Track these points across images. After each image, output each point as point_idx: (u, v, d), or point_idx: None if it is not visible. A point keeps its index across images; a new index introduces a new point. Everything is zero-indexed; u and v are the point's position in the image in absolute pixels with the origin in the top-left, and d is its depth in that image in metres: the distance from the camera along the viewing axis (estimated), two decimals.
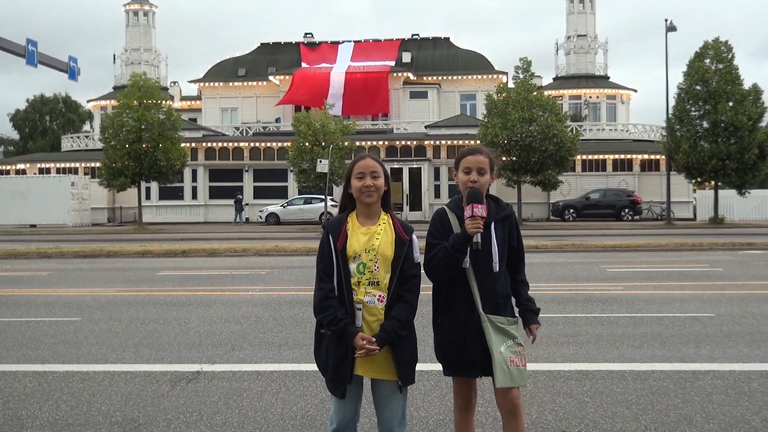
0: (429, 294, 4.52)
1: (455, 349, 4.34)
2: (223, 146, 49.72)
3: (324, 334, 4.17)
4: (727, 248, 23.38)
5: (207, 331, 9.91)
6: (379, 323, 4.09)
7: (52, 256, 22.75)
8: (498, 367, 4.21)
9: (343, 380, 4.07)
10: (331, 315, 4.05)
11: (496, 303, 4.30)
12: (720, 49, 40.03)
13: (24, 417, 6.22)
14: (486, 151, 4.46)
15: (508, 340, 4.28)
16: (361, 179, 4.15)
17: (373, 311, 4.10)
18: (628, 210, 44.43)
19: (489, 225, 4.29)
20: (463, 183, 4.36)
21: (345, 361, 4.05)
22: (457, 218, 4.33)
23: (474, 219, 4.15)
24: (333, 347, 4.08)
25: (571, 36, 60.13)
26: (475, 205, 4.16)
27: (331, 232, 4.16)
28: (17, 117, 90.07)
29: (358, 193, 4.17)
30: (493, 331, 4.25)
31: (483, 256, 4.27)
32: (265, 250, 23.15)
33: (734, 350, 8.42)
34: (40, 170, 52.05)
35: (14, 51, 23.10)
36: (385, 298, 4.12)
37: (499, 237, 4.34)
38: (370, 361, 4.07)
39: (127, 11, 63.90)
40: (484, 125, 42.03)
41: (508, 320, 4.32)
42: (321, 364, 4.21)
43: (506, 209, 4.43)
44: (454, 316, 4.34)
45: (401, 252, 4.15)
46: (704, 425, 5.81)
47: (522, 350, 4.32)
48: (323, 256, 4.17)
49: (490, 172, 4.37)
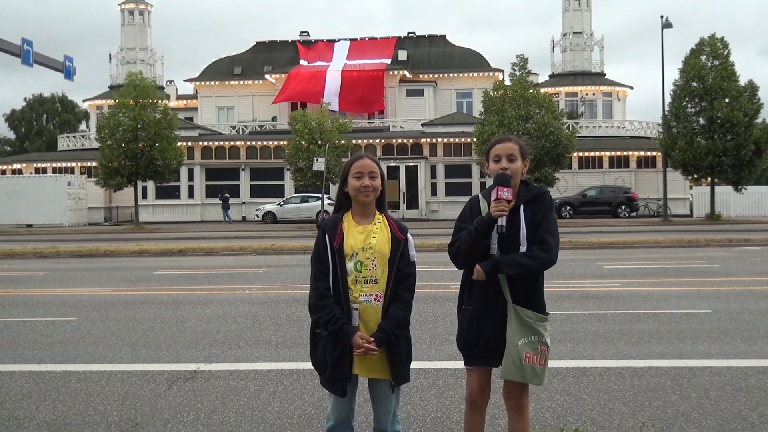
0: (426, 293, 4.50)
1: (475, 337, 4.27)
2: (219, 145, 49.68)
3: (320, 334, 4.15)
4: (723, 244, 23.42)
5: (204, 330, 9.90)
6: (376, 322, 4.08)
7: (48, 255, 22.71)
8: (509, 358, 4.15)
9: (342, 379, 4.07)
10: (328, 314, 4.03)
11: (524, 292, 4.19)
12: (716, 45, 40.03)
13: (21, 417, 6.20)
14: (515, 138, 4.37)
15: (531, 335, 4.17)
16: (360, 179, 4.15)
17: (369, 310, 4.09)
18: (624, 207, 44.44)
19: (518, 208, 4.20)
20: (494, 172, 4.27)
21: (343, 359, 4.04)
22: (488, 205, 4.24)
23: (499, 202, 4.08)
24: (330, 347, 4.07)
25: (567, 33, 60.10)
26: (501, 188, 4.09)
27: (328, 231, 4.15)
28: (13, 117, 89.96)
29: (355, 193, 4.16)
30: (517, 322, 4.17)
31: (511, 240, 4.16)
32: (262, 248, 23.14)
33: (731, 346, 8.43)
34: (36, 170, 51.95)
35: (10, 50, 23.05)
36: (381, 297, 4.10)
37: (528, 220, 4.20)
38: (365, 360, 4.07)
39: (123, 10, 63.74)
40: (480, 123, 42.06)
41: (537, 316, 4.21)
42: (318, 364, 4.20)
43: (536, 189, 4.28)
44: (477, 302, 4.27)
45: (397, 250, 4.14)
46: (701, 421, 5.81)
47: (545, 349, 4.20)
48: (319, 255, 4.15)
49: (521, 158, 4.28)
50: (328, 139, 39.52)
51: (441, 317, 10.37)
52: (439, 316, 10.41)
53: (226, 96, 58.47)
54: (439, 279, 14.48)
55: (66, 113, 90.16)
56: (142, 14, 64.14)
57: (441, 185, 47.43)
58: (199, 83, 59.12)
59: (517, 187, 4.28)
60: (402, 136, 49.32)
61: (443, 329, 9.51)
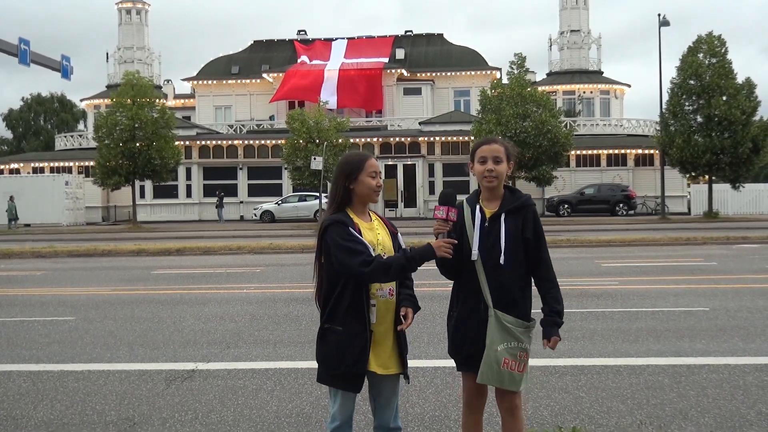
0: (423, 291, 4.51)
1: (459, 342, 4.28)
2: (217, 144, 49.64)
3: (329, 329, 4.11)
4: (721, 242, 23.44)
5: (202, 330, 9.89)
6: (391, 316, 4.11)
7: (46, 255, 22.69)
8: (486, 364, 4.14)
9: (362, 375, 4.07)
10: (396, 259, 4.02)
11: (505, 299, 4.17)
12: (713, 43, 40.01)
13: (19, 417, 6.20)
14: (501, 140, 4.35)
15: (511, 341, 4.15)
16: (374, 178, 4.19)
17: (386, 305, 4.12)
18: (622, 205, 44.46)
19: (499, 216, 4.20)
20: (479, 173, 4.26)
21: (363, 356, 4.03)
22: (471, 212, 4.25)
23: (442, 222, 4.02)
24: (347, 343, 4.03)
25: (564, 31, 60.11)
26: (438, 207, 4.03)
27: (351, 225, 4.08)
28: (11, 116, 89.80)
29: (369, 191, 4.17)
30: (496, 327, 4.15)
31: (492, 248, 4.15)
32: (260, 247, 23.13)
33: (729, 344, 8.44)
34: (33, 170, 51.86)
35: (7, 50, 23.01)
36: (394, 291, 4.16)
37: (510, 229, 4.17)
38: (380, 356, 4.09)
39: (120, 9, 63.65)
40: (477, 121, 42.05)
41: (518, 322, 4.18)
42: (329, 360, 4.10)
43: (520, 200, 4.24)
44: (461, 308, 4.28)
45: (396, 244, 4.23)
46: (699, 419, 5.82)
47: (524, 356, 4.18)
48: (359, 241, 4.01)
49: (507, 161, 4.26)
50: (326, 138, 39.51)
51: (438, 315, 10.34)
52: (437, 315, 10.39)
53: (223, 95, 58.40)
54: (436, 277, 14.42)
55: (64, 113, 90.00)
56: (140, 13, 64.07)
57: (439, 184, 47.38)
58: (196, 82, 59.04)
59: (502, 191, 4.28)
60: (399, 134, 49.30)
61: (440, 328, 9.47)
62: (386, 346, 4.12)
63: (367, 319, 4.05)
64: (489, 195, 4.29)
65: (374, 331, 4.08)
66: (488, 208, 4.26)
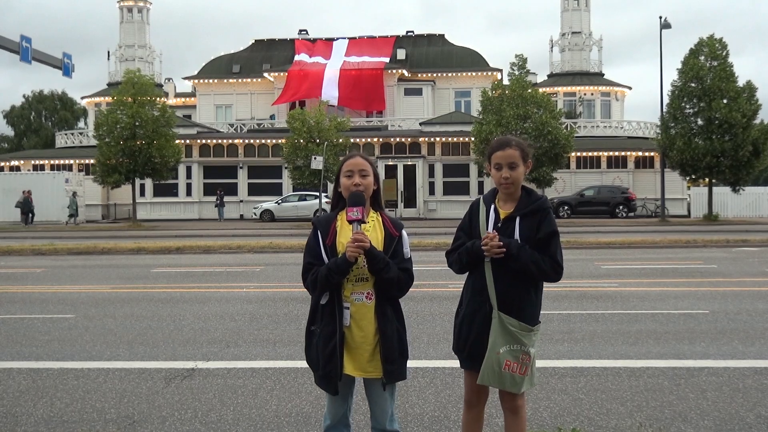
0: (423, 291, 4.51)
1: (463, 339, 4.29)
2: (217, 143, 49.62)
3: (314, 332, 4.18)
4: (721, 245, 23.43)
5: (201, 328, 9.90)
6: (368, 322, 4.09)
7: (46, 253, 22.69)
8: (487, 365, 4.14)
9: (334, 377, 4.08)
10: (321, 270, 4.05)
11: (512, 301, 4.17)
12: (714, 46, 40.01)
13: (18, 414, 6.20)
14: (516, 142, 4.28)
15: (513, 344, 4.15)
16: (350, 177, 4.18)
17: (362, 309, 4.10)
18: (622, 207, 44.45)
19: (514, 218, 4.20)
20: (496, 179, 4.25)
21: (333, 356, 4.06)
22: (486, 212, 4.27)
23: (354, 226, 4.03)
24: (322, 344, 4.10)
25: (566, 33, 60.16)
26: (350, 209, 4.05)
27: (320, 229, 4.20)
28: (12, 114, 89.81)
29: (347, 192, 4.19)
30: (500, 330, 4.14)
31: None
32: (260, 247, 23.13)
33: (729, 347, 8.44)
34: (34, 167, 51.82)
35: (8, 47, 23.02)
36: (373, 295, 4.11)
37: (524, 232, 4.18)
38: (356, 360, 4.09)
39: (122, 8, 63.67)
40: (478, 122, 42.05)
41: (521, 325, 4.17)
42: (312, 362, 4.23)
43: (536, 202, 4.23)
44: (468, 306, 4.30)
45: (390, 248, 4.14)
46: (699, 422, 5.82)
47: (527, 359, 4.17)
48: (310, 250, 4.20)
49: (523, 162, 4.23)
50: (326, 137, 39.51)
51: (439, 316, 10.36)
52: (437, 315, 10.40)
53: (224, 94, 58.41)
54: (436, 278, 14.45)
55: (64, 110, 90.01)
56: (141, 12, 64.08)
57: (439, 184, 47.40)
58: (197, 81, 59.05)
59: (519, 193, 4.28)
60: (400, 135, 49.28)
61: (441, 328, 9.50)
62: (364, 351, 4.10)
63: (338, 322, 4.06)
64: (506, 197, 4.30)
65: (350, 334, 4.09)
66: (503, 209, 4.27)
